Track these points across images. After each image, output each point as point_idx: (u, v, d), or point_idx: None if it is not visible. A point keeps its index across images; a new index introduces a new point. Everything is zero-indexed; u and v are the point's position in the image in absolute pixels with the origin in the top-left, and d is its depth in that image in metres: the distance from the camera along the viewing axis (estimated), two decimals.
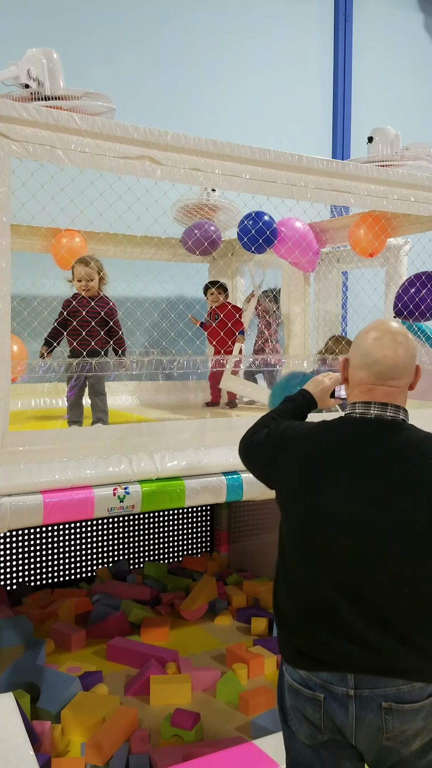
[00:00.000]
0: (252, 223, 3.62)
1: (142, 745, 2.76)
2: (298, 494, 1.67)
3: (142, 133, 2.53)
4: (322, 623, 1.60)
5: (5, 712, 2.15)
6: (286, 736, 1.73)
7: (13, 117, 2.28)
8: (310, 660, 1.61)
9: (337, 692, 1.58)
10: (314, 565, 1.62)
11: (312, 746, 1.65)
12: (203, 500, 2.70)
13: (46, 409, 3.87)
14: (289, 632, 1.68)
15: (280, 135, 5.59)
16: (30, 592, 4.30)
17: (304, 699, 1.62)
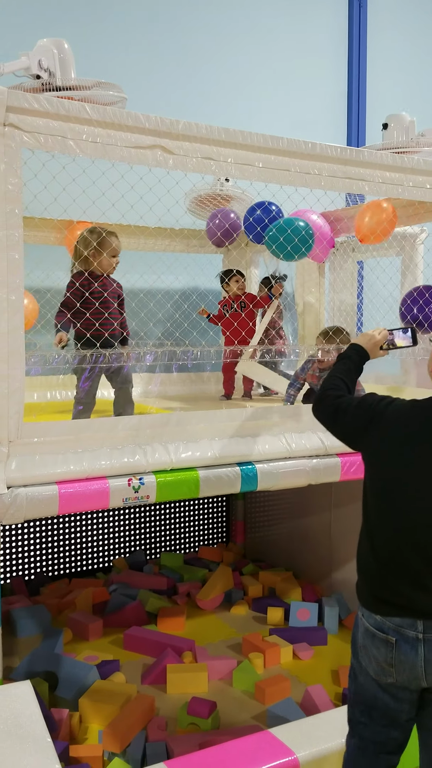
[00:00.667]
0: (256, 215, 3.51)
1: (159, 733, 2.78)
2: (386, 465, 1.86)
3: (153, 122, 2.52)
4: (399, 577, 1.82)
5: (23, 700, 2.17)
6: (354, 668, 1.97)
7: (25, 108, 2.28)
8: (385, 606, 1.84)
9: (408, 635, 1.80)
10: (396, 528, 1.83)
11: (378, 683, 1.88)
12: (218, 491, 2.70)
13: (61, 402, 3.88)
14: (370, 582, 1.90)
15: (293, 123, 5.55)
16: (48, 582, 4.34)
17: (378, 641, 1.84)
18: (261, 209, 3.50)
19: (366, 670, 1.91)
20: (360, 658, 1.93)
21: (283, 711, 2.89)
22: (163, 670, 3.23)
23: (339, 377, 2.19)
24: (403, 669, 1.81)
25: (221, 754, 2.36)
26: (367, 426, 1.94)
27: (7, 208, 2.25)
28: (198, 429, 2.73)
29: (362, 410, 1.97)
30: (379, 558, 1.87)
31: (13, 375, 2.28)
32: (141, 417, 2.61)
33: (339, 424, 2.05)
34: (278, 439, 2.85)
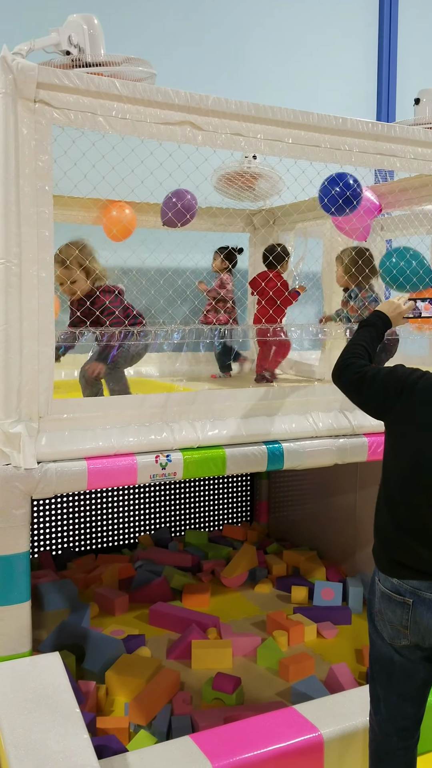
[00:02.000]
0: (334, 185, 3.10)
1: (184, 707, 2.82)
2: (415, 435, 1.91)
3: (183, 97, 2.50)
4: (418, 540, 1.88)
5: (52, 671, 2.22)
6: (372, 633, 2.04)
7: (55, 84, 2.28)
8: (403, 569, 1.90)
9: (425, 597, 1.86)
10: (418, 494, 1.89)
11: (393, 646, 1.95)
12: (244, 468, 2.71)
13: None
14: (387, 546, 1.96)
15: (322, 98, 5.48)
16: (75, 557, 4.40)
17: (394, 604, 1.91)
18: (342, 182, 3.19)
19: (381, 635, 1.98)
20: (376, 622, 2.00)
21: (307, 688, 2.91)
22: (188, 646, 3.27)
23: (361, 344, 2.19)
24: (417, 630, 1.88)
25: (247, 728, 2.40)
26: (397, 397, 1.95)
27: (37, 185, 2.26)
28: (224, 407, 2.73)
29: (393, 381, 1.98)
30: (398, 522, 1.93)
31: (43, 352, 2.30)
32: (168, 395, 2.62)
33: (364, 394, 2.06)
34: (305, 418, 2.85)
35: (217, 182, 4.34)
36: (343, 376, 2.12)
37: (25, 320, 2.25)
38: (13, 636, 2.28)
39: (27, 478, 2.26)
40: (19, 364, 2.25)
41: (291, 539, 4.77)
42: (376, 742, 2.07)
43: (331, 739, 2.37)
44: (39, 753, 1.90)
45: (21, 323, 2.25)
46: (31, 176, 2.25)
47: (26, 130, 2.23)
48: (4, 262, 2.21)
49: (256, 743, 2.31)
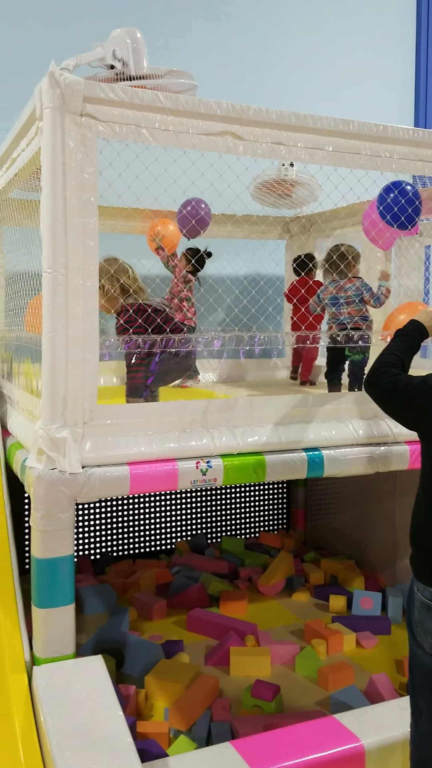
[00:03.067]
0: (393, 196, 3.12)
1: (223, 713, 2.82)
2: None
3: (224, 108, 2.54)
4: None
5: (95, 674, 2.25)
6: (411, 644, 2.03)
7: (101, 98, 2.32)
8: None
9: None
10: None
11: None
12: (284, 476, 2.71)
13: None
14: (425, 554, 1.96)
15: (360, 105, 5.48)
16: (113, 562, 4.45)
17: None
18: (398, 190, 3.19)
19: (422, 645, 1.95)
20: (415, 632, 1.97)
21: (346, 698, 2.90)
22: (227, 653, 3.28)
23: (395, 354, 2.16)
24: None
25: (287, 737, 2.39)
26: (430, 406, 1.94)
27: (83, 197, 2.31)
28: (264, 414, 2.74)
29: (425, 390, 1.96)
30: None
31: (88, 359, 2.35)
32: (209, 401, 2.64)
33: (395, 404, 2.05)
34: (345, 426, 2.85)
35: (255, 191, 4.37)
36: (374, 385, 2.11)
37: (70, 328, 2.30)
38: (57, 638, 2.31)
39: (72, 482, 2.30)
40: (65, 371, 2.30)
41: (328, 547, 4.75)
42: (417, 755, 2.04)
43: (372, 750, 2.35)
44: (83, 754, 1.93)
45: (67, 331, 2.29)
46: (77, 188, 2.30)
47: (73, 143, 2.28)
48: (51, 272, 2.26)
49: (296, 751, 2.31)
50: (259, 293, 3.21)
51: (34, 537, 2.31)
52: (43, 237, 2.27)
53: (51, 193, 2.26)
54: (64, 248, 2.27)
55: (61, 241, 2.27)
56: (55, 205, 2.26)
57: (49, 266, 2.26)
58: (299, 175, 4.25)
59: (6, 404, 3.21)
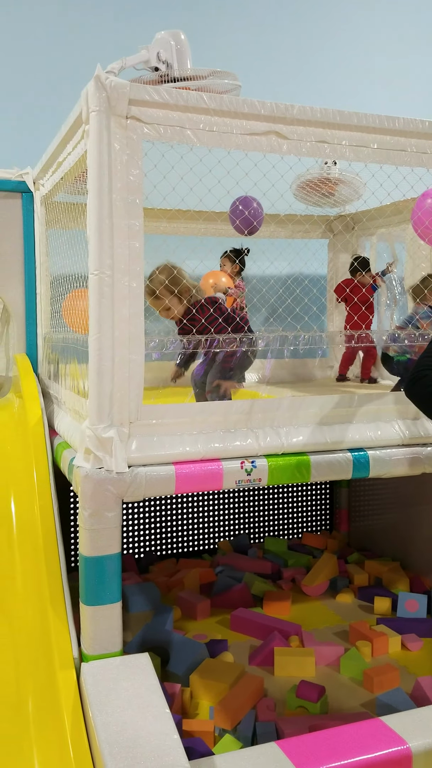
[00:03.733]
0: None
1: (268, 713, 2.82)
2: None
3: (268, 108, 2.54)
4: None
5: (142, 671, 2.27)
6: None
7: (146, 100, 2.35)
8: None
9: None
10: None
11: None
12: (329, 476, 2.70)
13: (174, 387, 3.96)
14: None
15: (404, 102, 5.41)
16: (156, 561, 4.48)
17: None
18: None
19: None
20: None
21: (392, 700, 2.86)
22: (271, 653, 3.27)
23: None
24: None
25: (333, 738, 2.38)
26: None
27: (128, 199, 2.33)
28: (309, 414, 2.73)
29: None
30: None
31: (134, 359, 2.37)
32: (253, 401, 2.65)
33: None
34: (391, 426, 2.82)
35: (298, 190, 4.36)
36: (415, 388, 2.10)
37: (117, 329, 2.33)
38: (104, 636, 2.34)
39: (119, 481, 2.33)
40: (111, 371, 2.33)
41: (372, 549, 4.70)
42: None
43: (420, 753, 2.31)
44: (131, 751, 1.95)
45: (113, 332, 2.32)
46: (123, 190, 2.32)
47: (118, 146, 2.31)
48: (98, 273, 2.29)
49: (342, 753, 2.29)
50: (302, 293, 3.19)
51: (82, 535, 2.34)
52: (90, 239, 2.30)
53: (97, 195, 2.29)
54: (110, 250, 2.30)
55: (107, 242, 2.30)
56: (102, 207, 2.29)
57: (95, 268, 2.29)
58: (342, 173, 4.22)
59: (53, 404, 3.26)
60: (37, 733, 2.12)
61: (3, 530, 2.74)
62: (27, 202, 3.63)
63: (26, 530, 2.73)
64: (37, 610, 2.47)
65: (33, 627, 2.43)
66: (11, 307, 3.65)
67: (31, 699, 2.26)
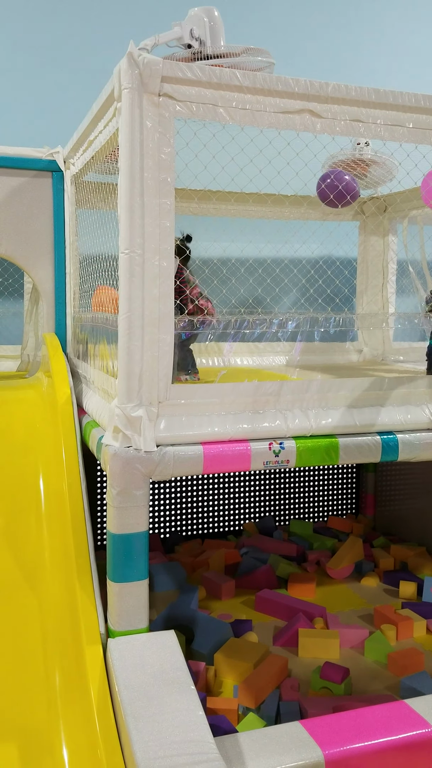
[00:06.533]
0: None
1: (292, 693, 2.84)
2: None
3: (302, 85, 2.50)
4: None
5: (168, 648, 2.29)
6: None
7: (178, 77, 2.32)
8: None
9: None
10: None
11: None
12: (357, 459, 2.68)
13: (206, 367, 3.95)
14: None
15: None
16: (182, 541, 4.51)
17: None
18: None
19: None
20: None
21: (417, 684, 2.86)
22: (295, 634, 3.28)
23: None
24: None
25: (356, 718, 2.38)
26: None
27: (160, 177, 2.32)
28: (338, 396, 2.71)
29: None
30: None
31: (163, 339, 2.37)
32: (282, 383, 2.63)
33: None
34: (421, 410, 2.79)
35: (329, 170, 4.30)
36: None
37: (146, 308, 2.32)
38: (131, 612, 2.37)
39: (147, 460, 2.34)
40: (141, 351, 2.33)
41: (398, 533, 4.69)
42: None
43: None
44: (157, 726, 1.98)
45: (143, 311, 2.32)
46: (155, 168, 2.31)
47: (150, 123, 2.29)
48: (128, 252, 2.28)
49: (366, 734, 2.30)
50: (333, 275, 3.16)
51: (109, 513, 2.36)
52: (121, 217, 2.30)
53: (129, 174, 2.28)
54: (141, 229, 2.29)
55: (138, 221, 2.29)
56: (133, 186, 2.28)
57: (126, 247, 2.28)
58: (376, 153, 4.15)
59: (81, 384, 3.28)
60: (65, 707, 2.16)
61: (32, 508, 2.78)
62: (57, 181, 3.63)
63: (55, 508, 2.76)
64: (64, 586, 2.50)
65: (61, 603, 2.46)
66: (41, 286, 3.66)
67: (58, 673, 2.30)
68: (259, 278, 3.04)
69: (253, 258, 3.24)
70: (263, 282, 3.09)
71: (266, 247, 3.20)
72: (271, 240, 3.37)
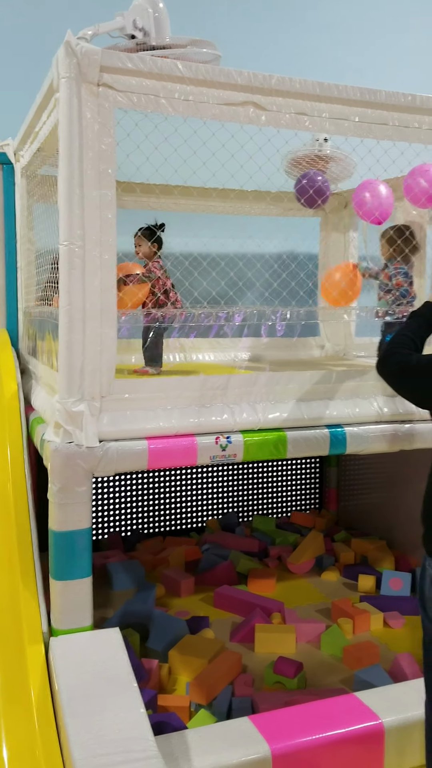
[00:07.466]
0: None
1: (245, 689, 2.82)
2: None
3: (245, 77, 2.48)
4: None
5: (111, 646, 2.26)
6: (424, 622, 2.02)
7: (118, 67, 2.30)
8: None
9: None
10: None
11: None
12: (305, 452, 2.68)
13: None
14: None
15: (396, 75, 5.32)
16: (143, 539, 4.48)
17: None
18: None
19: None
20: (428, 609, 1.97)
21: (370, 677, 2.86)
22: (252, 629, 3.27)
23: (406, 335, 2.13)
24: None
25: (305, 712, 2.38)
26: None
27: (100, 168, 2.29)
28: (287, 389, 2.71)
29: None
30: None
31: (106, 332, 2.34)
32: (229, 376, 2.62)
33: (407, 382, 2.03)
34: (369, 402, 2.79)
35: (289, 166, 4.29)
36: (386, 366, 2.09)
37: (88, 301, 2.29)
38: (74, 610, 2.33)
39: (89, 456, 2.31)
40: (82, 344, 2.30)
41: (360, 528, 4.70)
42: None
43: (392, 728, 2.32)
44: (96, 724, 1.95)
45: (84, 304, 2.29)
46: (95, 159, 2.28)
47: (90, 114, 2.27)
48: (67, 245, 2.25)
49: (315, 727, 2.30)
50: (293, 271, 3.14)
51: (51, 510, 2.33)
52: (60, 209, 2.27)
53: (68, 165, 2.25)
54: (80, 221, 2.26)
55: (77, 213, 2.26)
56: (72, 177, 2.25)
57: (65, 238, 2.25)
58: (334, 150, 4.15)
59: (31, 380, 3.24)
60: (4, 707, 2.12)
61: None
62: (8, 174, 3.58)
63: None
64: (7, 586, 2.46)
65: (2, 603, 2.42)
66: None
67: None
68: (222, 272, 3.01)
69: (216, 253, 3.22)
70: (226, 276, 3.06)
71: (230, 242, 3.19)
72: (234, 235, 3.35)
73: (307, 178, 3.80)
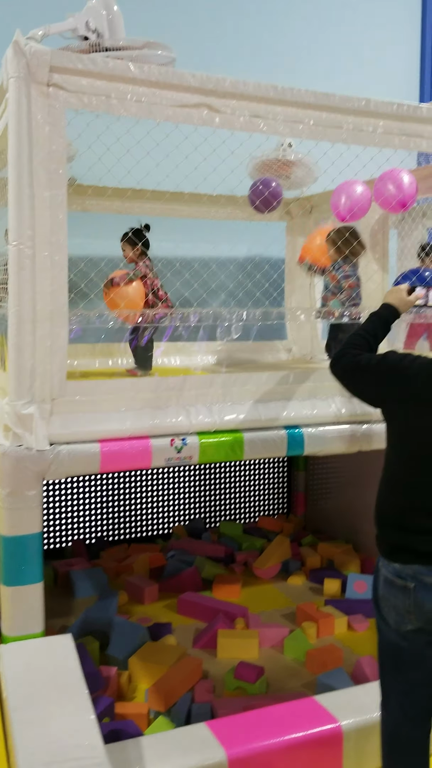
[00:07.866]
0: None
1: (205, 695, 2.79)
2: (414, 419, 1.87)
3: (199, 80, 2.49)
4: (420, 525, 1.86)
5: (62, 652, 2.22)
6: (378, 622, 2.01)
7: (69, 68, 2.29)
8: (404, 554, 1.87)
9: (425, 581, 1.84)
10: (424, 479, 1.87)
11: (398, 632, 1.91)
12: (263, 453, 2.67)
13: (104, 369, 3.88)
14: (389, 532, 1.94)
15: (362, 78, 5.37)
16: (108, 547, 4.43)
17: (396, 589, 1.88)
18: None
19: (387, 621, 1.94)
20: (381, 609, 1.96)
21: (332, 680, 2.85)
22: (215, 635, 3.24)
23: (361, 334, 2.14)
24: (421, 613, 1.85)
25: (263, 717, 2.36)
26: (390, 383, 1.91)
27: (51, 168, 2.27)
28: (244, 391, 2.70)
29: (385, 367, 1.93)
30: (401, 507, 1.91)
31: (56, 333, 2.32)
32: (185, 378, 2.61)
33: (359, 382, 2.04)
34: (327, 404, 2.79)
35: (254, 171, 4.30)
36: (338, 366, 2.09)
37: (38, 302, 2.27)
38: (25, 616, 2.30)
39: (39, 459, 2.28)
40: (32, 346, 2.27)
41: (328, 531, 4.69)
42: (386, 732, 2.01)
43: (350, 731, 2.31)
44: (44, 731, 1.91)
45: (34, 305, 2.26)
46: (45, 160, 2.27)
47: (40, 115, 2.25)
48: (16, 245, 2.23)
49: (272, 732, 2.28)
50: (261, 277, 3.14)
51: (0, 515, 2.29)
52: (10, 209, 2.24)
53: (16, 166, 2.23)
54: (30, 221, 2.24)
55: (27, 214, 2.24)
56: (21, 178, 2.23)
57: (14, 239, 2.23)
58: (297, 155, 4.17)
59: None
60: None
61: None
62: None
63: None
64: None
65: None
66: None
67: None
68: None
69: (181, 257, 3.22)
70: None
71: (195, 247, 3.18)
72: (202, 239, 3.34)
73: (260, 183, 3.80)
